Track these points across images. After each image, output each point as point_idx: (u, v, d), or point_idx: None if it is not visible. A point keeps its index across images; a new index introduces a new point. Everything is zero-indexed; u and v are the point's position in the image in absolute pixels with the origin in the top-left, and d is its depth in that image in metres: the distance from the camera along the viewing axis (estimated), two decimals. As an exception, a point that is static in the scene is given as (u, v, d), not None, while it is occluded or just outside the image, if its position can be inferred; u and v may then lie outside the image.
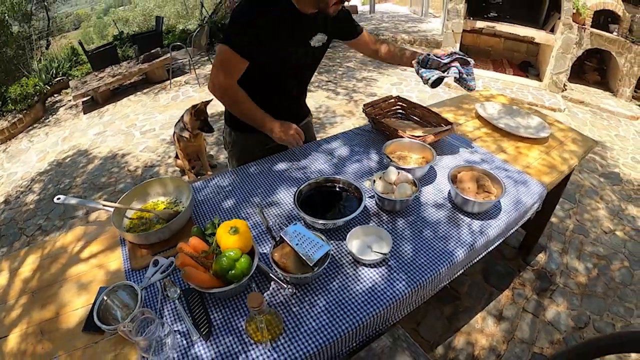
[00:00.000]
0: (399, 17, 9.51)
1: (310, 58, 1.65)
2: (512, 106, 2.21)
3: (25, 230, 3.17)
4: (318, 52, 1.65)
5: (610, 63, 5.86)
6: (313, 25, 1.54)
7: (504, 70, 6.07)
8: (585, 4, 5.26)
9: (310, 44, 1.57)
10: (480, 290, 2.34)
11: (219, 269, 1.00)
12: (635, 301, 2.33)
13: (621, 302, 2.32)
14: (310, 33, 1.55)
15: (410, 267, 1.19)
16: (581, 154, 1.88)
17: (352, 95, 5.22)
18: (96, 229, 1.38)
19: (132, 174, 3.76)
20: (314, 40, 1.57)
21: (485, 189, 1.44)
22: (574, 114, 5.01)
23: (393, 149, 1.68)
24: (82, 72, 6.56)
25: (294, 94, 1.77)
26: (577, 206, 3.15)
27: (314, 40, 1.57)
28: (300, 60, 1.60)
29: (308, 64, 1.69)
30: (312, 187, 1.44)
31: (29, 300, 1.13)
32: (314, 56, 1.66)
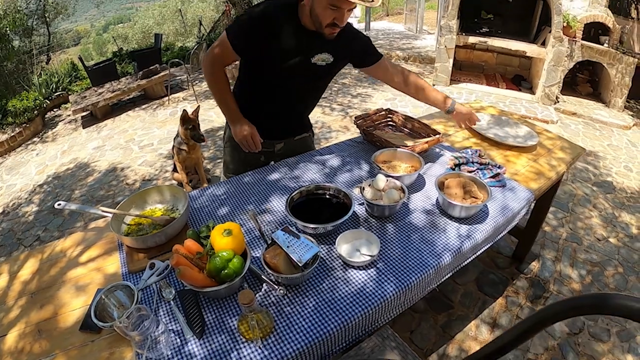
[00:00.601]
0: (394, 34, 9.70)
1: (311, 74, 1.65)
2: (501, 117, 2.27)
3: (24, 241, 3.20)
4: (320, 71, 1.66)
5: (602, 74, 5.96)
6: (320, 43, 1.57)
7: (497, 84, 6.18)
8: (575, 17, 5.38)
9: (311, 61, 1.59)
10: (474, 298, 2.36)
11: (213, 268, 1.03)
12: None
13: None
14: (315, 50, 1.58)
15: (398, 269, 1.22)
16: (569, 160, 1.94)
17: (347, 110, 5.31)
18: (95, 235, 1.42)
19: (130, 187, 3.80)
20: (316, 57, 1.59)
21: (472, 194, 1.49)
22: (566, 125, 5.09)
23: (383, 158, 1.73)
24: (82, 87, 6.65)
25: (286, 104, 1.77)
26: (571, 215, 3.19)
27: (316, 58, 1.59)
28: (295, 73, 1.62)
29: (305, 79, 1.68)
30: (303, 194, 1.48)
31: (27, 301, 1.16)
32: (315, 73, 1.66)
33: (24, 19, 7.69)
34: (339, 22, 1.42)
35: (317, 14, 1.41)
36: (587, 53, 5.43)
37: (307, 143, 2.03)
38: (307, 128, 2.01)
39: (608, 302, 0.61)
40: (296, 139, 1.94)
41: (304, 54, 1.57)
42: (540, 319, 0.71)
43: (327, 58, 1.62)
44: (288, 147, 1.93)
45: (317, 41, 1.55)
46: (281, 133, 1.88)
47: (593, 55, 5.45)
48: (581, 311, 0.65)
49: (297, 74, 1.63)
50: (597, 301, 0.63)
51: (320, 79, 1.76)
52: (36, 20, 8.76)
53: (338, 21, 1.41)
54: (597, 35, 5.79)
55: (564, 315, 0.68)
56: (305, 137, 2.00)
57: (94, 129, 5.49)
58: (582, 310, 0.65)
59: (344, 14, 1.40)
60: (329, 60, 1.63)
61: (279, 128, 1.80)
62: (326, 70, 1.68)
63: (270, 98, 1.71)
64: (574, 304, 0.67)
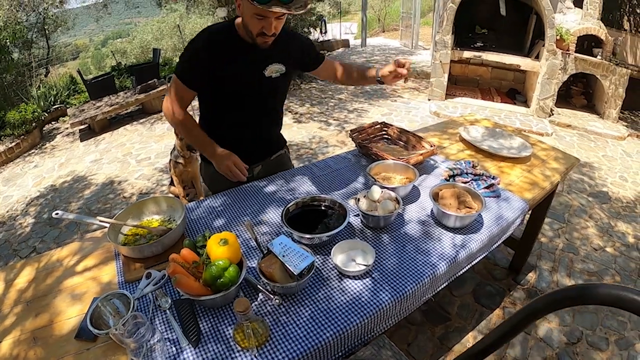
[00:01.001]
0: (389, 50, 9.86)
1: (267, 88, 1.63)
2: (495, 129, 2.30)
3: (20, 252, 3.20)
4: (276, 83, 1.64)
5: (596, 86, 6.04)
6: (268, 55, 1.56)
7: (492, 98, 6.26)
8: (568, 30, 5.48)
9: (264, 74, 1.58)
10: (471, 310, 2.36)
11: (209, 277, 1.04)
12: (628, 314, 2.35)
13: (614, 316, 2.34)
14: (265, 63, 1.57)
15: (393, 278, 1.23)
16: (563, 170, 1.96)
17: (343, 125, 5.37)
18: (91, 245, 1.42)
19: (127, 201, 3.81)
20: (269, 70, 1.58)
21: (466, 204, 1.50)
22: (561, 137, 5.14)
23: (378, 170, 1.75)
24: (80, 100, 6.70)
25: (253, 125, 1.73)
26: (567, 225, 3.21)
27: (269, 71, 1.58)
28: (253, 90, 1.60)
29: (265, 94, 1.66)
30: (298, 206, 1.49)
31: (23, 309, 1.16)
32: (271, 86, 1.64)
33: (24, 32, 7.76)
34: (266, 31, 1.40)
35: (247, 24, 1.42)
36: (581, 65, 5.52)
37: (284, 161, 2.00)
38: (282, 144, 1.98)
39: (593, 292, 0.62)
40: (272, 158, 1.91)
41: (255, 69, 1.56)
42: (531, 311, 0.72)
43: (279, 68, 1.61)
44: (266, 168, 1.90)
45: (264, 54, 1.54)
46: (257, 155, 1.84)
47: (586, 68, 5.53)
48: (567, 303, 0.66)
49: (255, 91, 1.61)
50: (583, 292, 0.64)
51: (278, 91, 1.73)
52: (36, 33, 8.85)
53: (266, 30, 1.40)
54: (590, 48, 5.89)
55: (552, 308, 0.69)
56: (281, 155, 1.97)
57: (91, 142, 5.51)
58: (568, 302, 0.66)
59: (271, 22, 1.38)
60: (282, 70, 1.63)
61: (253, 151, 1.76)
62: (282, 80, 1.67)
63: (236, 122, 1.69)
64: (559, 296, 0.68)
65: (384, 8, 15.15)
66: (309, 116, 5.76)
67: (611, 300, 0.60)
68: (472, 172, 1.78)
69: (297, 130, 5.24)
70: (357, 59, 8.74)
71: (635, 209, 3.53)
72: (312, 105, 6.21)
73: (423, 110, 5.92)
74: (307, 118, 5.68)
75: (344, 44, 10.33)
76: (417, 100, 6.40)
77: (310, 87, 7.21)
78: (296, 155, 4.53)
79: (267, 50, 1.52)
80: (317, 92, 6.91)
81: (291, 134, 5.15)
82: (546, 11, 5.07)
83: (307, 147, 4.74)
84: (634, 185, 4.02)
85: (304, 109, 6.09)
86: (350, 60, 8.67)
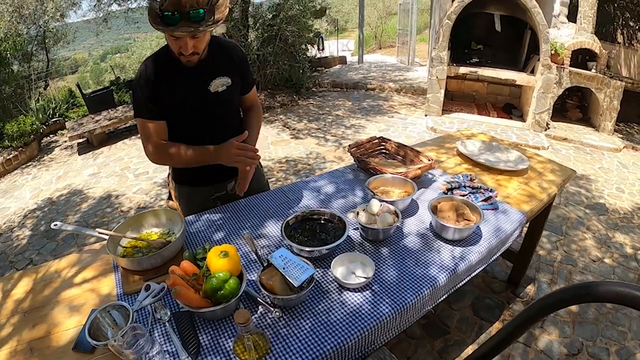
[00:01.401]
0: (386, 66, 9.96)
1: (214, 103, 1.58)
2: (492, 143, 2.33)
3: (16, 264, 3.18)
4: (225, 96, 1.59)
5: (591, 99, 6.11)
6: (210, 71, 1.53)
7: (488, 113, 6.31)
8: (563, 45, 5.56)
9: (210, 90, 1.54)
10: (470, 323, 2.35)
11: (209, 289, 1.04)
12: (629, 324, 2.36)
13: (614, 326, 2.34)
14: (207, 79, 1.53)
15: (393, 290, 1.23)
16: (560, 182, 1.98)
17: (341, 141, 5.39)
18: (90, 257, 1.42)
19: (124, 215, 3.80)
20: (213, 85, 1.54)
21: (464, 217, 1.51)
22: (557, 150, 5.19)
23: (376, 184, 1.77)
24: (79, 114, 6.71)
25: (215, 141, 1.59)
26: (565, 237, 3.21)
27: (213, 86, 1.54)
28: (202, 107, 1.56)
29: (214, 110, 1.60)
30: (298, 219, 1.50)
31: (20, 319, 1.16)
32: (219, 101, 1.59)
33: (24, 44, 7.81)
34: (183, 51, 1.36)
35: (170, 46, 1.41)
36: (576, 79, 5.59)
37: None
38: None
39: (595, 290, 0.63)
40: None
41: (198, 86, 1.53)
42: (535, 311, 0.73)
43: (224, 82, 1.57)
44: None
45: (205, 70, 1.52)
46: (226, 172, 1.70)
47: (581, 81, 5.61)
48: (570, 301, 0.67)
49: (203, 108, 1.57)
50: (585, 290, 0.65)
51: (230, 104, 1.68)
52: (36, 46, 8.90)
53: (183, 50, 1.36)
54: (585, 61, 5.95)
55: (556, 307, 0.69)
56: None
57: (89, 155, 5.51)
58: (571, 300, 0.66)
59: (186, 42, 1.34)
60: (228, 83, 1.58)
61: (220, 168, 1.61)
62: (230, 93, 1.62)
63: (196, 141, 1.60)
64: (563, 295, 0.68)
65: (381, 25, 15.34)
66: (307, 132, 5.80)
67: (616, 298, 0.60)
68: (469, 185, 1.80)
69: (294, 146, 5.26)
70: (354, 76, 8.83)
71: (633, 220, 3.56)
72: (309, 121, 6.26)
73: (420, 126, 5.96)
74: (305, 134, 5.72)
75: (341, 60, 10.44)
76: (414, 116, 6.45)
77: (308, 103, 7.26)
78: (294, 170, 4.54)
79: (208, 65, 1.51)
80: (315, 108, 6.96)
81: (289, 149, 5.17)
82: (541, 26, 5.16)
83: (305, 162, 4.76)
84: (631, 196, 4.05)
85: (301, 125, 6.13)
86: (347, 76, 8.76)
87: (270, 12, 7.08)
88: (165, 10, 1.25)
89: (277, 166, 4.68)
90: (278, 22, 6.74)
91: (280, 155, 4.98)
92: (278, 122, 6.30)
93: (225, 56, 1.59)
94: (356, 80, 8.42)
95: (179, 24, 1.26)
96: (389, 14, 15.89)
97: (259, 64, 7.03)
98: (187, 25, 1.27)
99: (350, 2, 16.35)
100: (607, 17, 7.75)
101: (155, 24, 1.29)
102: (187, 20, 1.27)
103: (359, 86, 8.10)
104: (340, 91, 8.08)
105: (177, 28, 1.27)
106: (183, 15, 1.26)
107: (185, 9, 1.25)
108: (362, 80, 8.32)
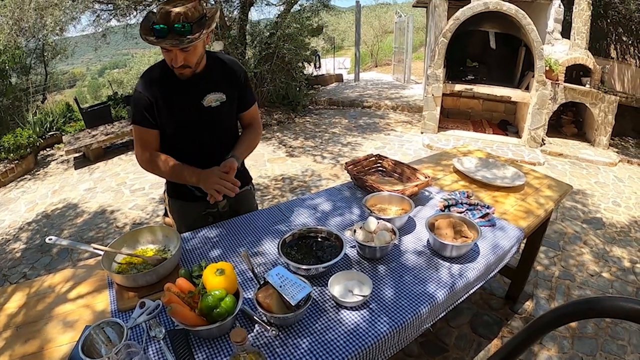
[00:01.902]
0: (382, 84, 10.08)
1: (207, 117, 1.60)
2: (488, 159, 2.34)
3: (9, 278, 3.14)
4: (216, 113, 1.61)
5: (586, 114, 6.18)
6: (205, 85, 1.56)
7: (484, 130, 6.38)
8: (557, 61, 5.64)
9: (203, 105, 1.57)
10: (469, 340, 2.32)
11: (205, 307, 1.03)
12: (628, 338, 2.35)
13: (613, 340, 2.33)
14: (202, 93, 1.56)
15: (391, 308, 1.22)
16: (557, 198, 1.99)
17: (337, 159, 5.42)
18: (84, 272, 1.40)
19: (120, 230, 3.77)
20: (207, 100, 1.57)
21: (462, 234, 1.51)
22: (553, 166, 5.22)
23: (373, 202, 1.77)
24: (76, 128, 6.71)
25: (207, 155, 1.65)
26: (562, 253, 3.21)
27: (207, 100, 1.57)
28: (194, 120, 1.59)
29: (207, 124, 1.62)
30: (295, 237, 1.50)
31: (12, 334, 1.14)
32: (212, 116, 1.61)
33: (23, 57, 7.85)
34: (173, 63, 1.41)
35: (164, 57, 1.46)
36: (570, 95, 5.67)
37: (248, 198, 1.94)
38: (247, 180, 1.92)
39: (598, 305, 0.63)
40: (237, 194, 1.64)
41: (192, 100, 1.56)
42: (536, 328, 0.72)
43: (219, 97, 1.60)
44: (231, 202, 1.83)
45: (201, 84, 1.55)
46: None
47: (576, 97, 5.68)
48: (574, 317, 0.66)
49: (196, 121, 1.59)
50: (589, 305, 0.64)
51: (222, 120, 1.68)
52: (34, 59, 8.96)
53: (173, 62, 1.41)
54: (579, 77, 6.04)
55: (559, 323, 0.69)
56: (246, 191, 1.92)
57: (85, 170, 5.50)
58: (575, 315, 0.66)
59: (176, 54, 1.38)
60: (222, 99, 1.61)
61: None
62: (224, 109, 1.64)
63: (190, 155, 1.63)
64: (565, 310, 0.68)
65: (377, 43, 15.57)
66: (303, 150, 5.83)
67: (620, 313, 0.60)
68: (466, 202, 1.80)
69: (291, 164, 5.28)
70: (350, 93, 8.93)
71: (630, 233, 3.57)
72: (305, 139, 6.30)
73: (416, 143, 6.00)
74: (301, 152, 5.74)
75: (337, 78, 10.56)
76: (410, 133, 6.50)
77: (304, 121, 7.31)
78: (290, 188, 4.54)
79: (204, 80, 1.55)
80: (311, 125, 7.01)
81: (285, 167, 5.18)
82: (535, 43, 5.25)
83: (301, 180, 4.76)
84: (627, 209, 4.07)
85: (297, 142, 6.15)
86: (343, 94, 8.85)
87: (268, 30, 7.17)
88: (156, 24, 1.33)
89: (273, 184, 4.68)
90: (275, 40, 6.83)
91: (276, 173, 4.99)
92: (274, 139, 6.32)
93: (223, 72, 1.61)
94: (352, 98, 8.50)
95: (167, 36, 1.33)
96: (385, 32, 16.15)
97: (256, 81, 7.09)
98: (173, 38, 1.33)
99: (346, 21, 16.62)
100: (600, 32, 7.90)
101: (145, 35, 1.37)
102: (173, 32, 1.33)
103: (355, 104, 8.17)
104: (336, 109, 8.14)
105: (164, 40, 1.34)
106: (170, 28, 1.33)
107: (172, 22, 1.32)
108: (359, 98, 8.41)
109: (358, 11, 10.05)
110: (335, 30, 14.17)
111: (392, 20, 12.18)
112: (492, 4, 5.25)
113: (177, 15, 1.32)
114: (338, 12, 13.80)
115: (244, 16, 6.99)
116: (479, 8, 5.33)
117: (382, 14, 16.78)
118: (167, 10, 1.32)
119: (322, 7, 7.71)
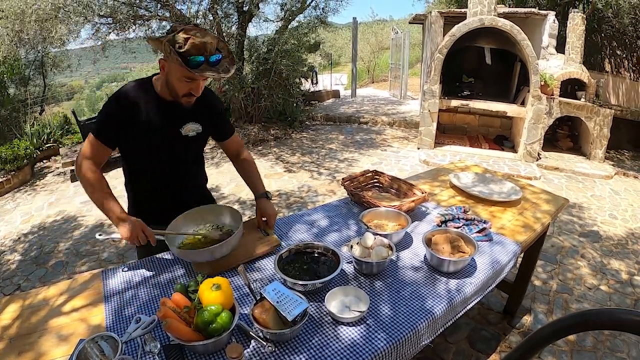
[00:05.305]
0: (379, 100, 10.16)
1: (182, 145, 1.59)
2: (485, 174, 2.36)
3: (4, 289, 3.11)
4: (193, 142, 1.62)
5: (581, 128, 6.23)
6: (186, 114, 1.55)
7: (480, 145, 6.42)
8: (552, 76, 5.72)
9: (181, 132, 1.55)
10: (467, 356, 2.30)
11: (201, 322, 1.02)
12: (627, 350, 2.34)
13: (612, 353, 2.31)
14: (182, 121, 1.55)
15: (388, 324, 1.22)
16: (553, 212, 2.00)
17: (334, 175, 5.43)
18: (80, 285, 1.40)
19: (116, 244, 3.73)
20: (185, 128, 1.56)
21: (459, 249, 1.51)
22: (549, 180, 5.25)
23: (370, 217, 1.77)
24: (73, 141, 6.71)
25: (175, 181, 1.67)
26: (559, 266, 3.21)
27: (185, 129, 1.56)
28: (168, 147, 1.56)
29: (179, 152, 1.61)
30: (292, 253, 1.50)
31: (5, 346, 1.13)
32: (186, 144, 1.60)
33: (21, 68, 7.88)
34: (194, 93, 1.43)
35: (173, 85, 1.42)
36: (565, 109, 5.74)
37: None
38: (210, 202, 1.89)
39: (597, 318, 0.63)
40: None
41: (171, 126, 1.53)
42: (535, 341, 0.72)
43: (196, 128, 1.59)
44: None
45: (182, 112, 1.53)
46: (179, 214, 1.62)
47: (571, 111, 5.75)
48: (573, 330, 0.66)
49: (169, 148, 1.57)
50: (587, 317, 0.64)
51: (193, 150, 1.70)
52: (33, 71, 9.00)
53: (194, 92, 1.42)
54: (574, 91, 6.12)
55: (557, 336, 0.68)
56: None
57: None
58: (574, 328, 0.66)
59: (199, 84, 1.41)
60: (199, 130, 1.60)
61: (180, 208, 1.61)
62: (198, 140, 1.64)
63: (157, 180, 1.63)
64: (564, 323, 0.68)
65: (374, 59, 15.72)
66: (300, 165, 5.84)
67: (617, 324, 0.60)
68: (463, 217, 1.81)
69: (287, 180, 5.28)
70: (347, 109, 8.99)
71: (627, 246, 3.58)
72: (302, 155, 6.32)
73: (412, 159, 6.03)
74: (298, 167, 5.76)
75: (334, 94, 10.64)
76: (407, 149, 6.54)
77: (301, 136, 7.35)
78: (286, 204, 4.53)
79: (185, 109, 1.52)
80: (308, 141, 7.04)
81: (282, 183, 5.18)
82: (530, 58, 5.32)
83: (297, 195, 4.76)
84: (624, 222, 4.08)
85: (294, 158, 6.17)
86: (340, 110, 8.91)
87: (266, 45, 7.24)
88: (189, 55, 1.31)
89: (270, 199, 4.67)
90: (273, 55, 6.88)
91: (273, 188, 4.99)
92: (271, 155, 6.34)
93: (204, 104, 1.60)
94: (349, 113, 8.56)
95: (202, 67, 1.33)
96: (381, 49, 16.31)
97: (253, 97, 7.13)
98: (209, 70, 1.34)
99: (343, 37, 16.81)
100: (594, 47, 8.03)
101: (179, 65, 1.31)
102: (207, 64, 1.33)
103: (352, 120, 8.22)
104: (333, 125, 8.19)
105: (202, 72, 1.33)
106: (206, 59, 1.33)
107: (207, 54, 1.33)
108: (355, 114, 8.46)
109: (355, 27, 10.18)
110: (333, 47, 14.30)
111: (388, 37, 12.31)
112: (487, 20, 5.34)
113: (210, 46, 1.33)
114: (335, 29, 13.99)
115: (242, 32, 7.06)
116: (475, 24, 5.42)
117: (378, 30, 16.98)
118: (202, 42, 1.31)
119: (320, 23, 7.81)
